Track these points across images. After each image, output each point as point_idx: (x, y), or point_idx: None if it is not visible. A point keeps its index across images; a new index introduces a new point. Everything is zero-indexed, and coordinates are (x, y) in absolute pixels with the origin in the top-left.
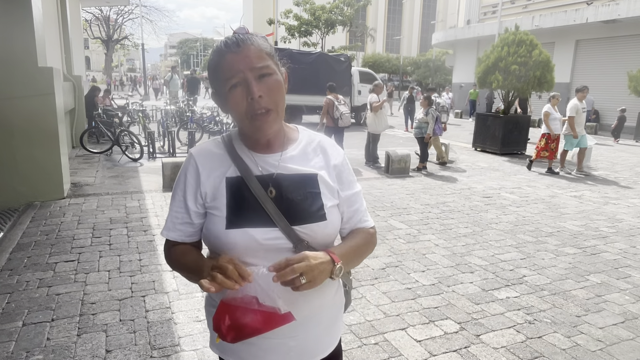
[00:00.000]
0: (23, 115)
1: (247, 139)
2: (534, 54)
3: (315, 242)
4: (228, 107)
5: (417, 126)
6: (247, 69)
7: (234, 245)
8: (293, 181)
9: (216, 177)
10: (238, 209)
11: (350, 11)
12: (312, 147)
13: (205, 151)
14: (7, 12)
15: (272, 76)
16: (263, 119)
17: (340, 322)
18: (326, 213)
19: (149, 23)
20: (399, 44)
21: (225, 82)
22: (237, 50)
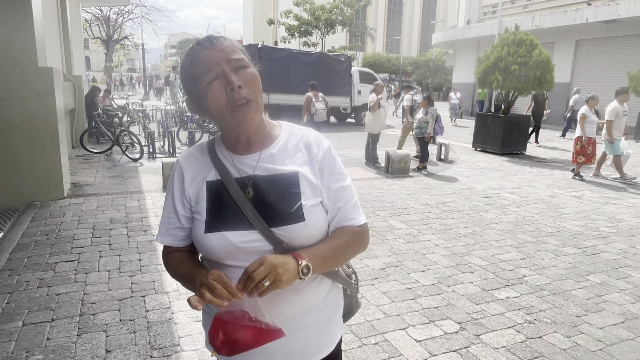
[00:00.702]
0: (23, 115)
1: (227, 140)
2: (534, 54)
3: (296, 244)
4: (206, 105)
5: (417, 126)
6: (224, 61)
7: (212, 249)
8: (271, 182)
9: (198, 181)
10: (217, 212)
11: (350, 11)
12: (294, 143)
13: (190, 156)
14: (7, 12)
15: (248, 68)
16: (244, 109)
17: (335, 326)
18: (304, 213)
19: (149, 23)
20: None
21: (202, 78)
22: (211, 46)
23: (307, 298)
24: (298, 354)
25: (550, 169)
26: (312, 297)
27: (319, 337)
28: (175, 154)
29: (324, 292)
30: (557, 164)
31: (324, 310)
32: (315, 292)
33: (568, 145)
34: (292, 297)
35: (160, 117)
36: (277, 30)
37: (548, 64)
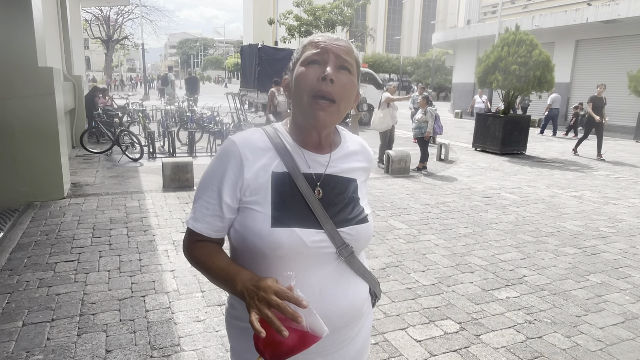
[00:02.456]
0: (23, 115)
1: (298, 132)
2: (534, 54)
3: (359, 245)
4: (294, 80)
5: (416, 126)
6: (333, 54)
7: (279, 245)
8: (339, 183)
9: (261, 170)
10: (284, 206)
11: (350, 11)
12: (354, 148)
13: (250, 141)
14: (7, 12)
15: (350, 75)
16: (323, 105)
17: (369, 338)
18: (367, 216)
19: (149, 23)
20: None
21: (306, 57)
22: (333, 39)
23: (355, 307)
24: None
25: (550, 169)
26: (358, 307)
27: (358, 346)
28: (176, 154)
29: (365, 301)
30: (557, 164)
31: (361, 321)
32: (360, 301)
33: (568, 145)
34: (344, 307)
35: (160, 117)
36: (277, 30)
37: (548, 64)
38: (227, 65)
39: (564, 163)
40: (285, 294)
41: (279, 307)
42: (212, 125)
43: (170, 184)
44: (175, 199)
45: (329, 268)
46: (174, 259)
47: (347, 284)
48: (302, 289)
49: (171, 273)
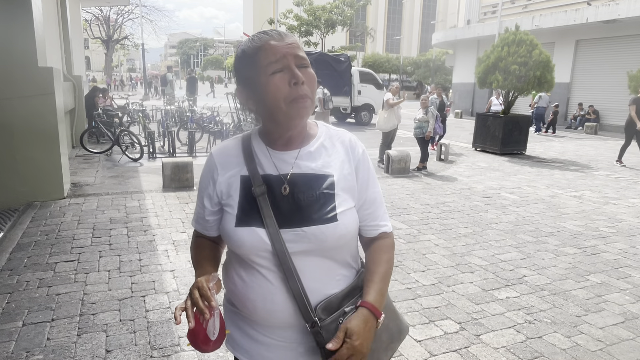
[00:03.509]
0: (23, 115)
1: (268, 135)
2: (534, 54)
3: (325, 246)
4: (264, 94)
5: (417, 126)
6: (291, 56)
7: (241, 243)
8: (308, 180)
9: (232, 175)
10: (249, 207)
11: (351, 11)
12: (332, 143)
13: (224, 150)
14: (7, 12)
15: (309, 69)
16: (303, 103)
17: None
18: (337, 214)
19: (149, 23)
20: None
21: (266, 67)
22: (280, 39)
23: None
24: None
25: (550, 169)
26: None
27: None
28: (176, 154)
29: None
30: (557, 164)
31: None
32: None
33: (568, 145)
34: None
35: (160, 117)
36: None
37: (548, 64)
38: (227, 65)
39: (564, 163)
40: (203, 291)
41: (194, 301)
42: (212, 125)
43: (170, 184)
44: (175, 199)
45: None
46: (174, 259)
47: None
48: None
49: (171, 273)
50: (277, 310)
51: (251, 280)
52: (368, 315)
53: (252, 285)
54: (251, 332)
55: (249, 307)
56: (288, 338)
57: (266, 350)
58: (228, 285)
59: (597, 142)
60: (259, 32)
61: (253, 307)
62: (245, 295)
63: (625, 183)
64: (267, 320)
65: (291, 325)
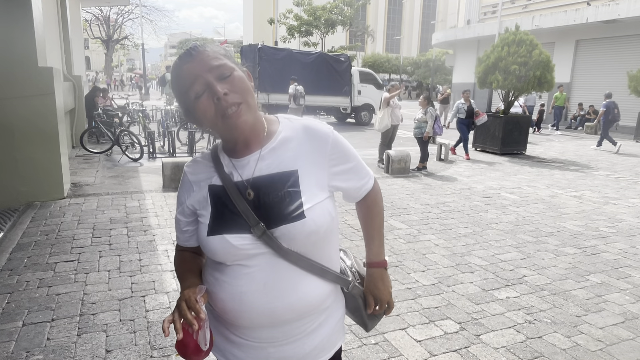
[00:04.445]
0: (23, 115)
1: (226, 145)
2: (534, 53)
3: (296, 244)
4: (198, 118)
5: (416, 126)
6: (205, 71)
7: (214, 251)
8: (270, 181)
9: (203, 187)
10: (219, 216)
11: (350, 11)
12: (295, 134)
13: (194, 163)
14: (7, 12)
15: (233, 73)
16: (235, 115)
17: (334, 334)
18: (305, 211)
19: (149, 23)
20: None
21: (188, 92)
22: (191, 59)
23: (306, 302)
24: (293, 359)
25: (550, 169)
26: (311, 302)
27: (317, 342)
28: (176, 154)
29: (322, 296)
30: (557, 164)
31: (321, 317)
32: (314, 296)
33: (568, 145)
34: (292, 301)
35: (160, 117)
36: (277, 30)
37: (548, 64)
38: None
39: (564, 163)
40: (191, 304)
41: (181, 312)
42: None
43: (170, 184)
44: (175, 199)
45: (275, 265)
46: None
47: (297, 280)
48: (247, 282)
49: (171, 273)
50: (246, 310)
51: (223, 280)
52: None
53: (223, 285)
54: (223, 331)
55: (219, 307)
56: (258, 338)
57: (237, 349)
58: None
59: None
60: (178, 57)
61: (223, 307)
62: (216, 294)
63: (625, 183)
64: (236, 320)
65: (260, 325)
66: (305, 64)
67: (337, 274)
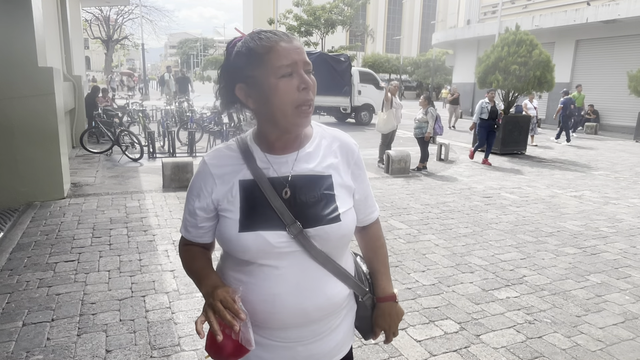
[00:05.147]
0: (23, 115)
1: (264, 139)
2: (534, 53)
3: (329, 245)
4: (269, 96)
5: (417, 126)
6: (301, 61)
7: (247, 248)
8: (308, 182)
9: (229, 181)
10: (251, 212)
11: (350, 11)
12: (327, 143)
13: (219, 157)
14: (7, 12)
15: (311, 75)
16: (308, 111)
17: (350, 329)
18: (340, 214)
19: (149, 23)
20: (399, 44)
21: (277, 69)
22: (289, 41)
23: (333, 302)
24: (319, 355)
25: (550, 169)
26: (337, 302)
27: (339, 337)
28: (176, 154)
29: (344, 297)
30: (557, 164)
31: (342, 313)
32: (340, 297)
33: (568, 145)
34: (321, 301)
35: (160, 117)
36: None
37: (548, 64)
38: None
39: (564, 163)
40: (228, 304)
41: (220, 314)
42: (212, 125)
43: (170, 184)
44: (175, 199)
45: (305, 265)
46: (174, 259)
47: (325, 281)
48: (279, 284)
49: (171, 273)
50: (278, 312)
51: (252, 283)
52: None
53: (253, 288)
54: None
55: (247, 310)
56: (287, 338)
57: (263, 351)
58: None
59: (597, 142)
60: (262, 30)
61: (252, 309)
62: (245, 297)
63: (625, 183)
64: (267, 322)
65: (291, 326)
66: None
67: (356, 281)
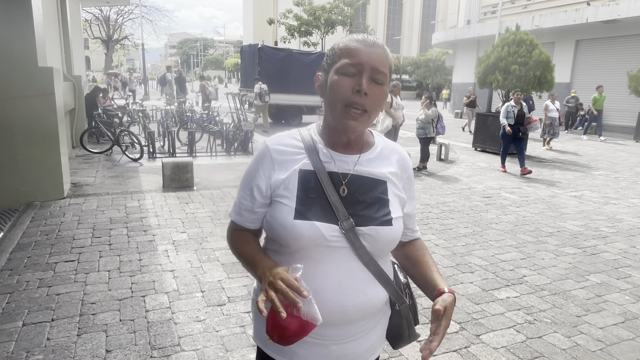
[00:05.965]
0: (23, 115)
1: (327, 136)
2: (534, 53)
3: (377, 247)
4: (328, 86)
5: (420, 126)
6: (368, 66)
7: (300, 236)
8: (366, 183)
9: (289, 168)
10: (308, 201)
11: (350, 11)
12: (387, 153)
13: (281, 143)
14: (7, 12)
15: (382, 86)
16: (355, 115)
17: (383, 334)
18: (393, 219)
19: (149, 23)
20: (399, 44)
21: (343, 65)
22: (368, 46)
23: (373, 304)
24: (352, 356)
25: (550, 169)
26: (376, 305)
27: (373, 339)
28: (176, 154)
29: (383, 301)
30: (557, 164)
31: (378, 316)
32: (379, 300)
33: (568, 145)
34: (361, 302)
35: (160, 117)
36: (277, 30)
37: (548, 64)
38: (227, 65)
39: (564, 163)
40: (290, 282)
41: (282, 292)
42: (212, 125)
43: (170, 184)
44: (175, 199)
45: (350, 264)
46: (174, 259)
47: (367, 282)
48: (322, 279)
49: (171, 273)
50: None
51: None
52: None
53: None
54: None
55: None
56: (323, 335)
57: (298, 346)
58: None
59: (597, 142)
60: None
61: None
62: None
63: (625, 183)
64: None
65: (329, 323)
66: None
67: (396, 289)
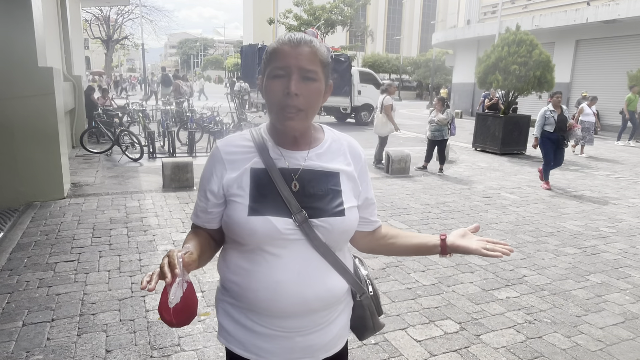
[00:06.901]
0: (23, 115)
1: (275, 134)
2: (534, 53)
3: (331, 238)
4: (265, 92)
5: (436, 128)
6: (296, 67)
7: (254, 232)
8: (317, 176)
9: (240, 167)
10: (261, 198)
11: (350, 11)
12: (338, 146)
13: (232, 143)
14: (7, 12)
15: (315, 82)
16: (290, 115)
17: (347, 324)
18: (345, 209)
19: (149, 23)
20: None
21: (272, 69)
22: (294, 47)
23: (333, 293)
24: (317, 347)
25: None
26: (336, 294)
27: (335, 331)
28: (176, 154)
29: (343, 290)
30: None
31: (340, 306)
32: (339, 289)
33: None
34: (321, 291)
35: (160, 117)
36: (277, 30)
37: (548, 64)
38: (227, 65)
39: (564, 163)
40: (170, 259)
41: (160, 267)
42: (212, 125)
43: (170, 184)
44: (175, 199)
45: (307, 254)
46: None
47: (325, 271)
48: (282, 272)
49: None
50: (280, 299)
51: (255, 270)
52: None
53: (256, 275)
54: (247, 323)
55: (250, 297)
56: (286, 327)
57: (262, 341)
58: (227, 276)
59: (597, 142)
60: (286, 35)
61: (255, 297)
62: (247, 285)
63: (625, 183)
64: (268, 310)
65: (292, 315)
66: None
67: (355, 279)
